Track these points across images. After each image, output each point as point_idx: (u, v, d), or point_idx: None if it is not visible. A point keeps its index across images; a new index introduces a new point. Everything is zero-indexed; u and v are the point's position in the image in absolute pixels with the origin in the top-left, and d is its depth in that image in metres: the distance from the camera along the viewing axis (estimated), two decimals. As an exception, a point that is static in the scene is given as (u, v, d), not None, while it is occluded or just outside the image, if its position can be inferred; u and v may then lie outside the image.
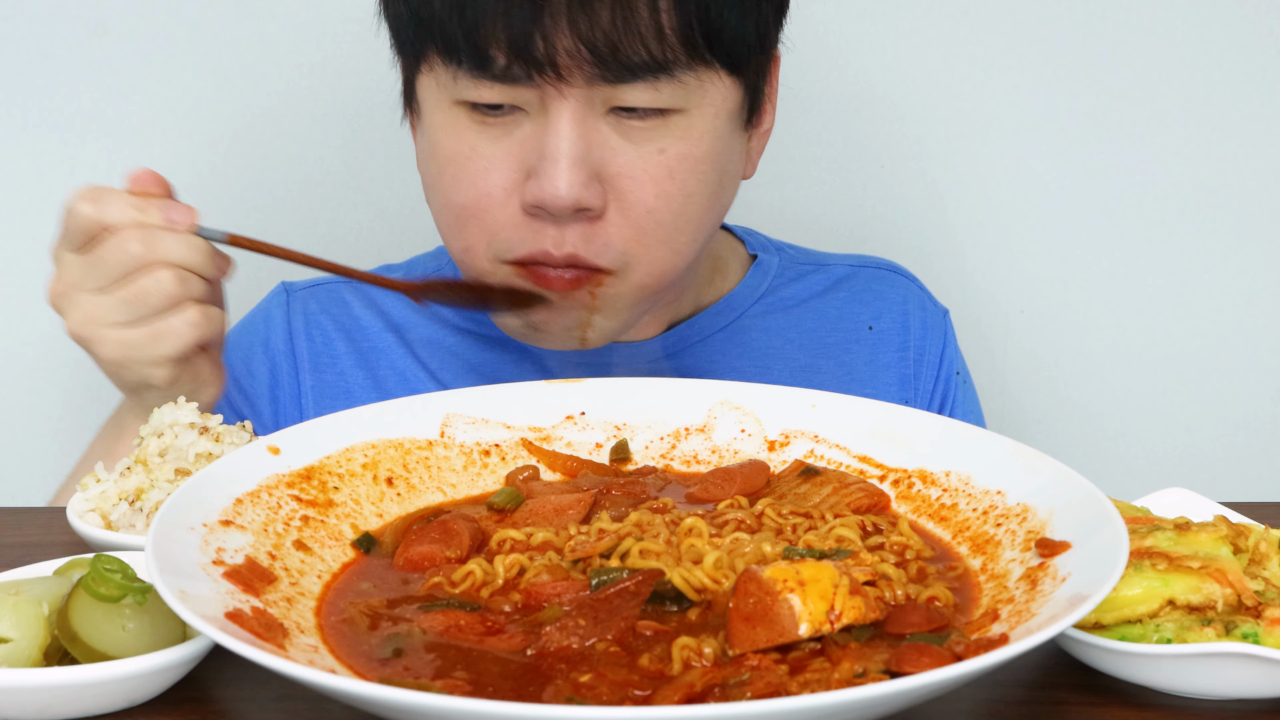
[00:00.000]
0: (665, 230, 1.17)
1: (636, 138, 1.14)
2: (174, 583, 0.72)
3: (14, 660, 0.76)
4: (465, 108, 1.15)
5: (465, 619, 0.78)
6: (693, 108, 1.15)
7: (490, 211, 1.16)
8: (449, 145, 1.17)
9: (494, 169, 1.15)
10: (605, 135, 1.13)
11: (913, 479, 0.96)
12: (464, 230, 1.18)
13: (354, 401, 1.34)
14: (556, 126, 1.11)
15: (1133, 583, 0.80)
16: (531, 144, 1.13)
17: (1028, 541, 0.84)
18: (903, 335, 1.44)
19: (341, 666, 0.74)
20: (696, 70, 1.13)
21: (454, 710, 0.61)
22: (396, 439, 0.98)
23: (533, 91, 1.11)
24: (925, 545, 0.88)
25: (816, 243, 1.60)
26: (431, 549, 0.87)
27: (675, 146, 1.15)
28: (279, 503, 0.88)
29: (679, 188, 1.16)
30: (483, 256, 1.18)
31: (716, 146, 1.18)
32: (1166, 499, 1.00)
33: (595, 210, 1.14)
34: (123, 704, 0.76)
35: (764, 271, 1.44)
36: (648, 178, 1.15)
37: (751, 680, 0.70)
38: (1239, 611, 0.80)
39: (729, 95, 1.18)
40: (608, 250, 1.16)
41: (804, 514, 0.91)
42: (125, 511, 0.97)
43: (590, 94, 1.11)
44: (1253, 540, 0.85)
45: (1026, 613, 0.75)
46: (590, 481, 0.98)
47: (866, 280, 1.47)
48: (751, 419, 1.03)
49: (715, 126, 1.17)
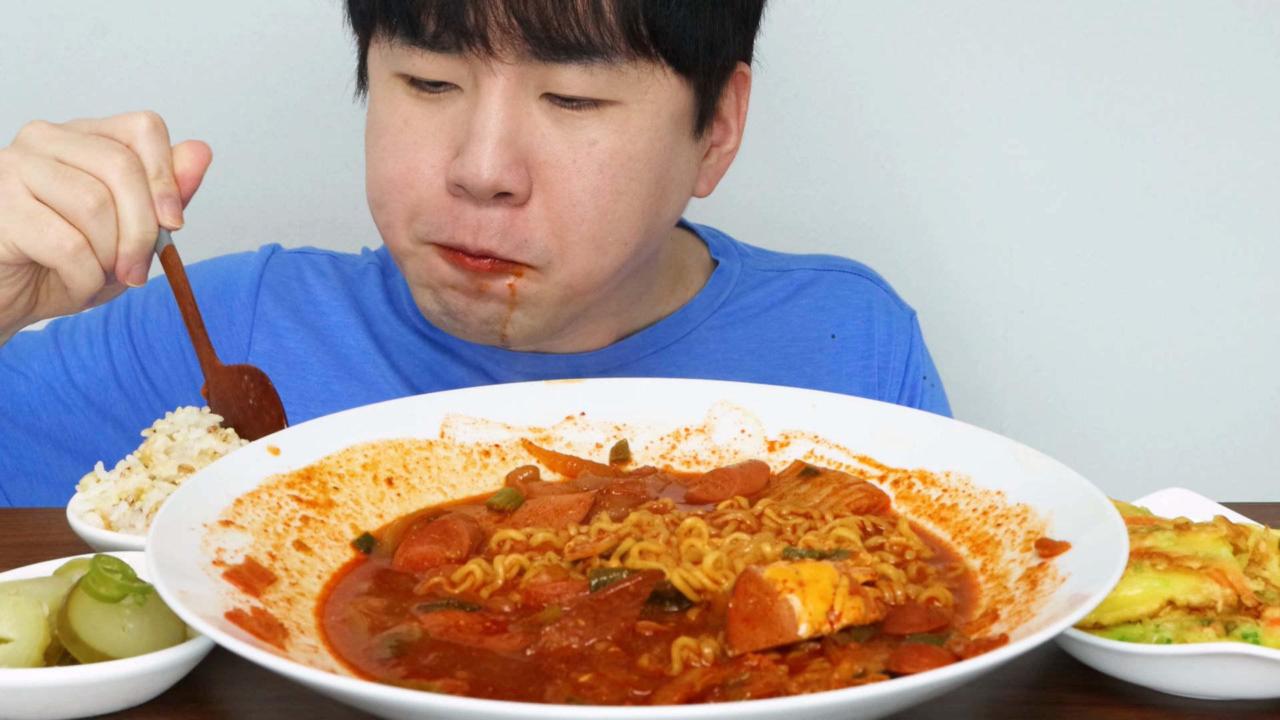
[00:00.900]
0: (590, 228, 1.14)
1: (569, 126, 1.11)
2: (174, 583, 0.72)
3: (14, 660, 0.76)
4: (404, 81, 1.14)
5: (465, 619, 0.78)
6: (631, 102, 1.12)
7: (414, 187, 1.14)
8: (384, 116, 1.15)
9: (424, 144, 1.13)
10: (536, 120, 1.11)
11: (913, 479, 0.96)
12: (387, 204, 1.16)
13: (305, 373, 1.32)
14: (485, 104, 1.09)
15: (1133, 583, 0.80)
16: (461, 121, 1.11)
17: (1028, 541, 0.84)
18: (866, 342, 1.39)
19: (342, 666, 0.74)
20: (637, 62, 1.10)
21: (454, 710, 0.61)
22: (396, 439, 0.98)
23: (465, 68, 1.10)
24: (925, 546, 0.88)
25: (816, 244, 1.60)
26: (431, 549, 0.87)
27: (608, 140, 1.12)
28: (279, 503, 0.88)
29: (609, 183, 1.13)
30: (403, 234, 1.16)
31: (656, 147, 1.15)
32: (1166, 499, 1.00)
33: (518, 196, 1.11)
34: (123, 704, 0.76)
35: (725, 279, 1.39)
36: (576, 169, 1.12)
37: (751, 680, 0.70)
38: (1239, 611, 0.80)
39: (674, 96, 1.14)
40: (527, 246, 1.13)
41: (804, 514, 0.91)
42: (125, 511, 0.96)
43: (523, 74, 1.09)
44: (1253, 540, 0.85)
45: (1026, 613, 0.75)
46: (590, 482, 0.98)
47: (830, 285, 1.42)
48: (751, 419, 1.03)
49: (655, 125, 1.14)
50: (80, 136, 1.02)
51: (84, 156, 1.01)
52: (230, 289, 1.37)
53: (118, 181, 1.01)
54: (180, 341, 1.34)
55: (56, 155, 1.01)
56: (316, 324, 1.35)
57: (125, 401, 1.33)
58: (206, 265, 1.39)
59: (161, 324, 1.34)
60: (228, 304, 1.36)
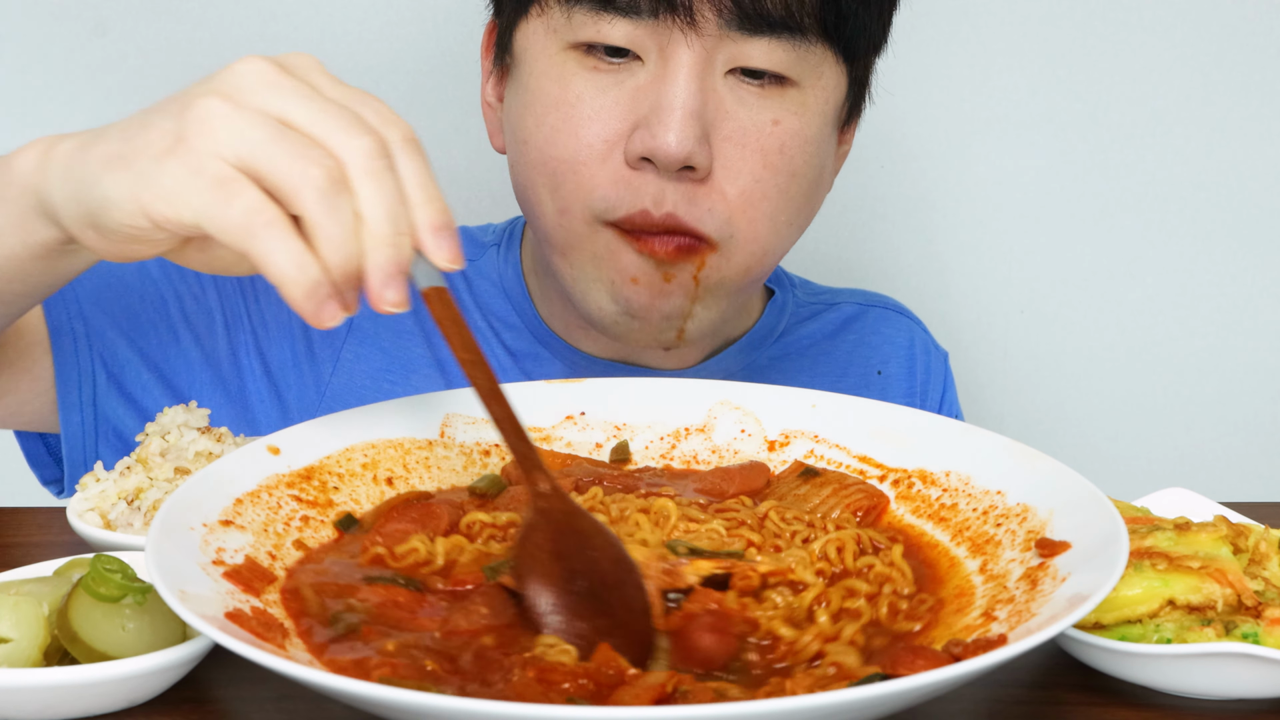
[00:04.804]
0: (770, 206, 1.13)
1: (752, 103, 1.11)
2: (174, 583, 0.72)
3: (14, 660, 0.76)
4: (577, 53, 1.11)
5: (403, 596, 0.79)
6: (807, 85, 1.13)
7: (589, 166, 1.11)
8: (553, 92, 1.12)
9: (598, 119, 1.10)
10: (721, 95, 1.10)
11: (913, 479, 0.96)
12: (560, 189, 1.12)
13: (403, 339, 1.29)
14: (675, 76, 1.08)
15: (1133, 583, 0.80)
16: (645, 94, 1.09)
17: (1028, 541, 0.84)
18: (909, 380, 1.42)
19: (299, 642, 0.74)
20: (817, 46, 1.11)
21: (454, 710, 0.61)
22: (396, 439, 0.97)
23: (654, 39, 1.09)
24: (908, 581, 0.84)
25: (816, 244, 1.60)
26: (406, 527, 0.87)
27: (789, 120, 1.12)
28: (279, 503, 0.88)
29: (787, 163, 1.13)
30: (579, 218, 1.12)
31: (824, 133, 1.16)
32: (1166, 499, 1.00)
33: (701, 171, 1.10)
34: (123, 704, 0.76)
35: (780, 310, 1.40)
36: (758, 146, 1.11)
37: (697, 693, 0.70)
38: (1239, 611, 0.80)
39: (839, 85, 1.16)
40: (710, 216, 1.11)
41: (808, 522, 0.90)
42: (124, 511, 0.97)
43: (715, 47, 1.09)
44: (1253, 540, 0.85)
45: (1026, 613, 0.75)
46: (584, 471, 0.98)
47: (874, 322, 1.45)
48: (751, 419, 1.03)
49: (824, 112, 1.15)
50: (318, 98, 0.75)
51: (321, 125, 0.74)
52: None
53: (362, 170, 0.73)
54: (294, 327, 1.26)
55: (280, 115, 0.74)
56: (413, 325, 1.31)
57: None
58: None
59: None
60: None
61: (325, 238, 0.72)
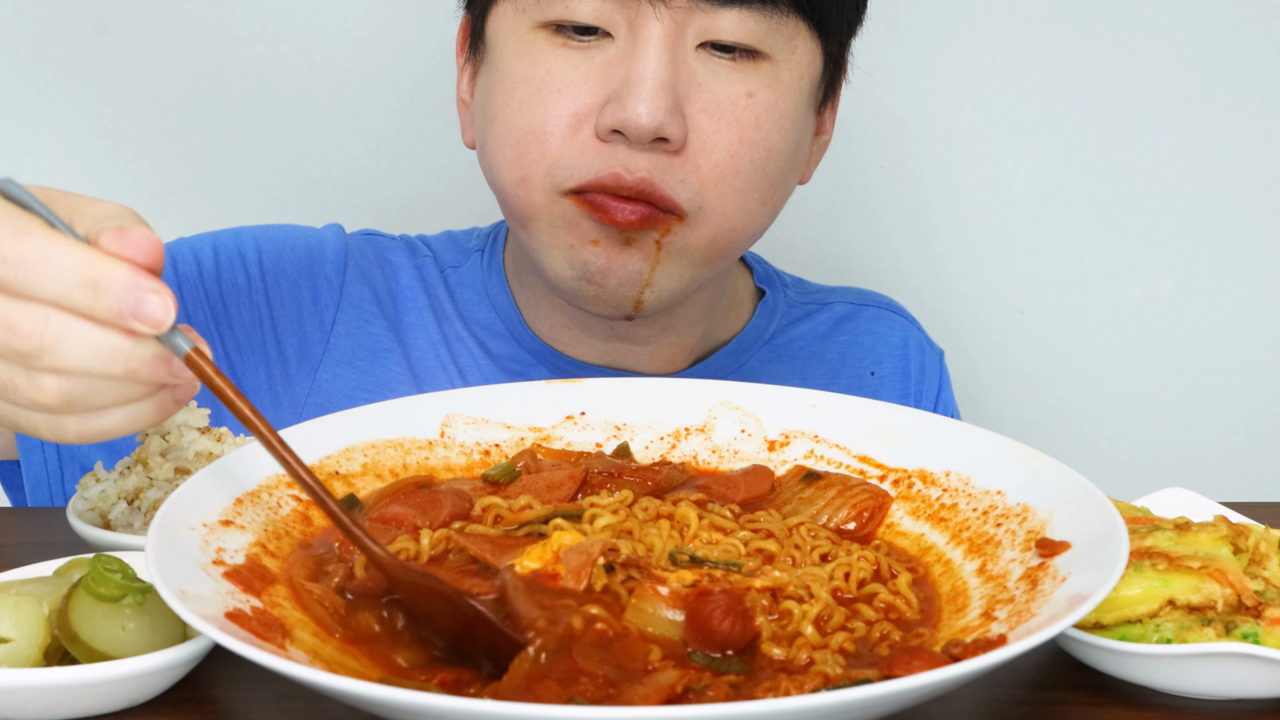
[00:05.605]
0: (743, 180, 1.13)
1: (725, 76, 1.11)
2: (174, 583, 0.72)
3: (14, 660, 0.76)
4: (547, 32, 1.11)
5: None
6: (781, 59, 1.13)
7: (555, 136, 1.10)
8: (522, 69, 1.12)
9: (567, 93, 1.10)
10: (693, 68, 1.11)
11: (913, 479, 0.96)
12: (522, 158, 1.12)
13: (379, 358, 1.29)
14: (645, 50, 1.08)
15: (1133, 583, 0.80)
16: (615, 68, 1.10)
17: (1028, 541, 0.84)
18: (903, 381, 1.41)
19: (304, 616, 0.76)
20: (790, 18, 1.11)
21: (454, 710, 0.61)
22: (396, 439, 0.97)
23: (622, 13, 1.09)
24: (913, 609, 0.82)
25: (816, 244, 1.60)
26: (405, 512, 0.87)
27: (764, 93, 1.12)
28: (279, 503, 0.88)
29: (763, 137, 1.13)
30: (539, 187, 1.12)
31: (800, 109, 1.16)
32: (1166, 499, 1.00)
33: (675, 143, 1.09)
34: (123, 704, 0.76)
35: (771, 311, 1.39)
36: (733, 119, 1.11)
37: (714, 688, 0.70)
38: (1239, 611, 0.80)
39: (814, 61, 1.16)
40: (683, 187, 1.11)
41: (833, 540, 0.89)
42: (124, 511, 0.97)
43: (684, 20, 1.09)
44: (1253, 540, 0.85)
45: (1026, 613, 0.75)
46: (600, 464, 0.97)
47: (868, 321, 1.44)
48: (751, 419, 1.03)
49: (800, 87, 1.15)
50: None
51: None
52: (316, 263, 1.32)
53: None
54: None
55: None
56: (391, 310, 1.32)
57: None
58: (276, 231, 1.33)
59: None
60: (313, 280, 1.31)
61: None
